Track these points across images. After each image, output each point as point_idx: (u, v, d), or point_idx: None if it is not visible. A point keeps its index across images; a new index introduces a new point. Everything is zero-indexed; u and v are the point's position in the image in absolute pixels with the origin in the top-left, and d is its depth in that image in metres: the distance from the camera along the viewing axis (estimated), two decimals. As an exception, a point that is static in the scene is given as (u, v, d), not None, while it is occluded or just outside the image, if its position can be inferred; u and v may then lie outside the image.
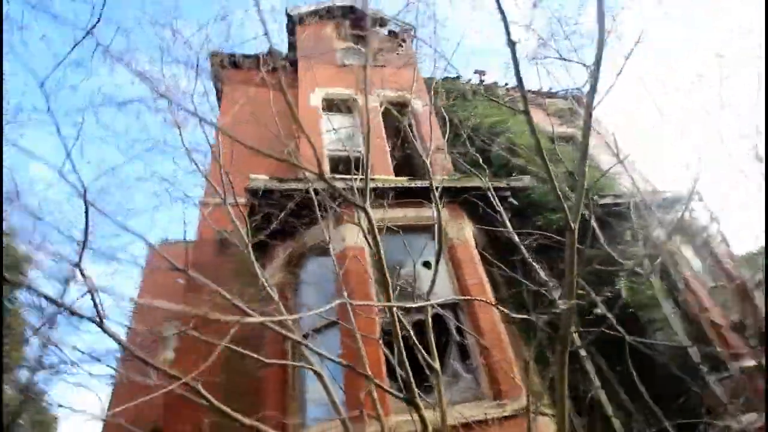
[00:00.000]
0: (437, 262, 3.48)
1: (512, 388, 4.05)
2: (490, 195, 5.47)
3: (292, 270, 5.36)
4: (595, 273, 5.21)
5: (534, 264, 4.48)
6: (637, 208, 6.46)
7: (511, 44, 2.83)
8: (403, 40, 9.43)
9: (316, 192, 5.07)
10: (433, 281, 3.51)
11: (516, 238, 4.68)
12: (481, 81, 10.11)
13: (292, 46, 9.24)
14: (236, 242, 5.86)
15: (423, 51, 9.45)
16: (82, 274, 2.31)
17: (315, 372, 3.53)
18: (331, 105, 7.65)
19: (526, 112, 2.83)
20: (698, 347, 5.55)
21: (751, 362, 5.19)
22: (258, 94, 8.10)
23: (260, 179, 5.08)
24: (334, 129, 6.24)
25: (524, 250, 4.62)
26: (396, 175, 7.43)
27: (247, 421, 2.62)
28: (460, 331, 4.60)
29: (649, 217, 6.62)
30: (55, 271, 10.45)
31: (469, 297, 4.66)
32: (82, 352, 4.96)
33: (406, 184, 5.28)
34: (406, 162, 7.75)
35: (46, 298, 2.40)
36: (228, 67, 8.38)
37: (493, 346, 4.40)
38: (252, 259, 4.19)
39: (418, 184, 5.31)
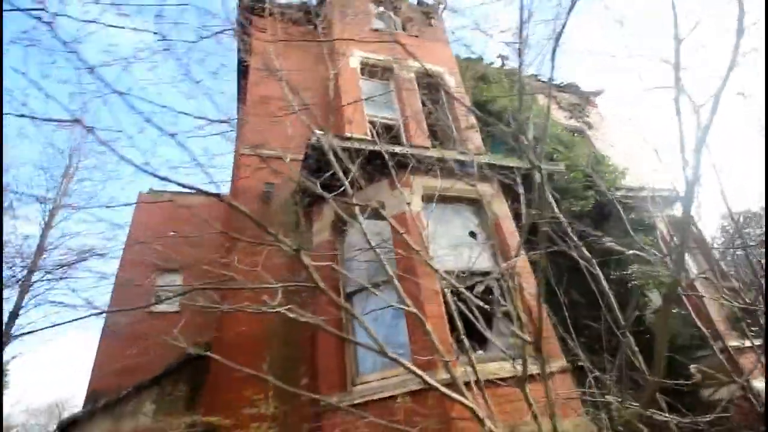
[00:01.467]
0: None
1: (550, 350, 4.38)
2: (532, 175, 5.76)
3: (340, 229, 5.46)
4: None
5: (577, 241, 4.83)
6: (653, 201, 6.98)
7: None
8: (432, 13, 9.37)
9: (374, 154, 5.14)
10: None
11: (562, 217, 5.00)
12: (503, 65, 10.27)
13: (322, 1, 8.96)
14: (280, 196, 5.86)
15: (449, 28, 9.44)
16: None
17: (362, 326, 3.70)
18: (366, 69, 7.58)
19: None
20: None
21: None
22: (288, 50, 7.88)
23: (321, 135, 5.07)
24: (379, 94, 6.24)
25: (568, 227, 4.96)
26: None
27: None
28: (503, 297, 4.92)
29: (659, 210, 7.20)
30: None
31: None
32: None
33: (459, 157, 5.45)
34: (434, 135, 7.87)
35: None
36: (257, 15, 8.04)
37: (532, 312, 4.77)
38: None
39: (468, 158, 5.49)
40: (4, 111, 2.48)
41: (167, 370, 8.85)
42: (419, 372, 2.81)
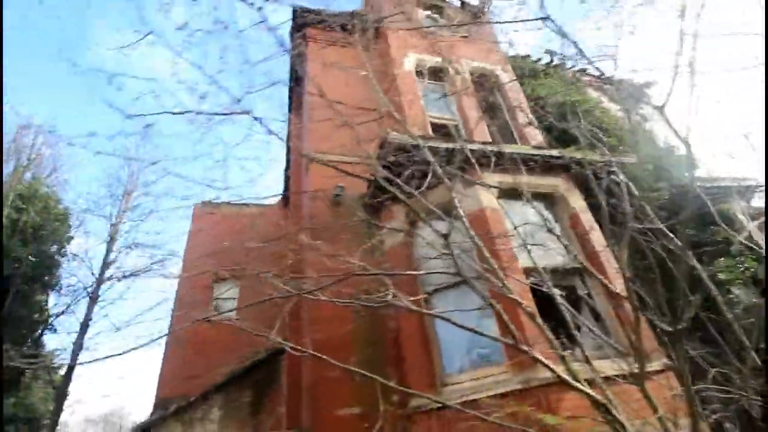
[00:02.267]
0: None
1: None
2: (607, 169, 5.57)
3: (410, 230, 5.43)
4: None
5: (668, 232, 4.60)
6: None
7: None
8: (479, 13, 9.32)
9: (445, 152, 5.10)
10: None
11: (648, 208, 4.79)
12: (551, 61, 10.06)
13: (370, 8, 9.10)
14: (350, 199, 5.91)
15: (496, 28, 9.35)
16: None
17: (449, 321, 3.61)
18: (421, 71, 7.60)
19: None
20: None
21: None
22: (342, 57, 8.01)
23: (397, 135, 5.09)
24: (444, 94, 6.22)
25: (654, 216, 4.73)
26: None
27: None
28: (589, 294, 4.74)
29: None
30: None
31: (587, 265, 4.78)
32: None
33: (532, 152, 5.33)
34: (491, 133, 7.76)
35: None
36: (311, 24, 8.24)
37: (620, 307, 4.57)
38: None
39: (544, 152, 5.37)
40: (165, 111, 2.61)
41: (232, 377, 9.06)
42: (551, 366, 2.69)
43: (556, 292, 4.49)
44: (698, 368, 4.45)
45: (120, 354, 4.71)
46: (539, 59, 10.21)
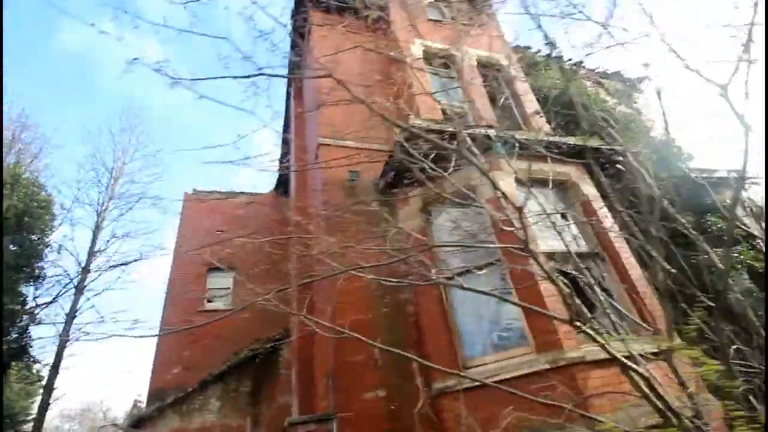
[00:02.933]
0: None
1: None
2: (615, 157, 5.72)
3: (427, 216, 5.44)
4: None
5: (678, 216, 4.75)
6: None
7: None
8: (483, 2, 9.32)
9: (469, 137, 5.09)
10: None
11: (656, 192, 4.92)
12: (550, 53, 10.19)
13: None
14: (363, 184, 5.86)
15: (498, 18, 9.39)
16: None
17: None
18: (428, 58, 7.57)
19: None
20: None
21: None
22: (346, 41, 7.88)
23: (418, 121, 5.06)
24: (450, 78, 6.20)
25: (666, 203, 4.87)
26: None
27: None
28: (603, 277, 4.86)
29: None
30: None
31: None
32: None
33: (553, 139, 5.40)
34: (498, 121, 7.81)
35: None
36: (314, 6, 8.08)
37: (633, 289, 4.72)
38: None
39: (562, 140, 5.44)
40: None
41: (230, 367, 8.93)
42: (608, 347, 2.72)
43: (583, 275, 4.60)
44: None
45: (109, 336, 4.59)
46: (538, 51, 10.31)
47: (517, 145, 4.98)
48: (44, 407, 9.30)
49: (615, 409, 3.44)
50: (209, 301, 10.75)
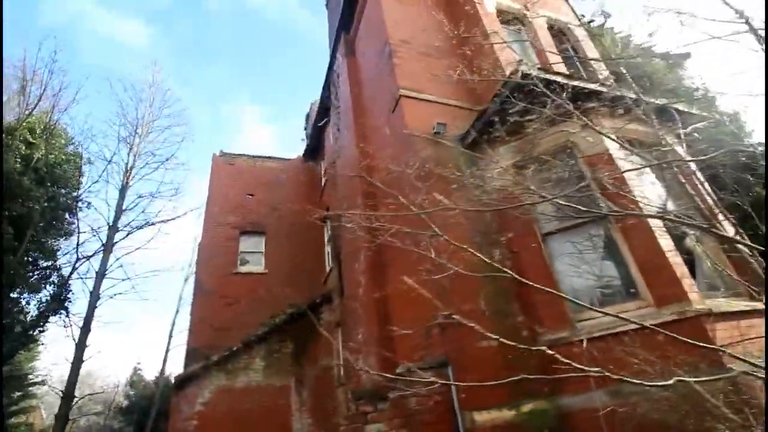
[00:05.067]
0: None
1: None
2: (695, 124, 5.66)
3: (517, 171, 5.32)
4: None
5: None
6: None
7: None
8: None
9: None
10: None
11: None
12: (603, 23, 10.00)
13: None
14: (449, 137, 5.70)
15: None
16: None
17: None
18: (500, 16, 7.33)
19: None
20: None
21: None
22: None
23: (530, 70, 4.88)
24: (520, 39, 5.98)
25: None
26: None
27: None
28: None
29: None
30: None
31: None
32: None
33: (655, 101, 5.28)
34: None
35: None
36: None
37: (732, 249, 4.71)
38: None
39: (649, 99, 5.32)
40: None
41: (272, 327, 8.85)
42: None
43: (693, 230, 4.56)
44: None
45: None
46: (592, 20, 10.10)
47: (623, 105, 4.87)
48: (77, 364, 9.11)
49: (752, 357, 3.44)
50: (242, 264, 10.56)
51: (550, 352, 2.42)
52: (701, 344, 3.03)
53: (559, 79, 4.88)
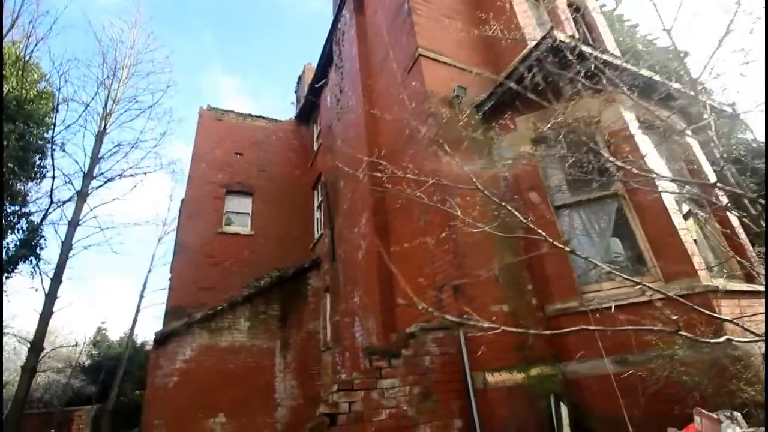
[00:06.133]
0: None
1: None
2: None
3: (534, 143, 5.26)
4: None
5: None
6: None
7: None
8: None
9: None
10: None
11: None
12: (614, 8, 9.93)
13: None
14: (465, 102, 5.55)
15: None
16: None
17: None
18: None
19: None
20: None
21: None
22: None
23: (561, 36, 4.75)
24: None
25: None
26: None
27: None
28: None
29: None
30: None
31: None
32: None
33: (676, 85, 5.29)
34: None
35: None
36: None
37: (734, 233, 4.88)
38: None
39: (682, 87, 5.34)
40: None
41: (258, 290, 8.65)
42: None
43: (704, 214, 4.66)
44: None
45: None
46: (604, 5, 10.02)
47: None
48: (46, 316, 8.63)
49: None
50: (227, 224, 10.19)
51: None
52: (716, 315, 3.11)
53: (589, 50, 4.79)
